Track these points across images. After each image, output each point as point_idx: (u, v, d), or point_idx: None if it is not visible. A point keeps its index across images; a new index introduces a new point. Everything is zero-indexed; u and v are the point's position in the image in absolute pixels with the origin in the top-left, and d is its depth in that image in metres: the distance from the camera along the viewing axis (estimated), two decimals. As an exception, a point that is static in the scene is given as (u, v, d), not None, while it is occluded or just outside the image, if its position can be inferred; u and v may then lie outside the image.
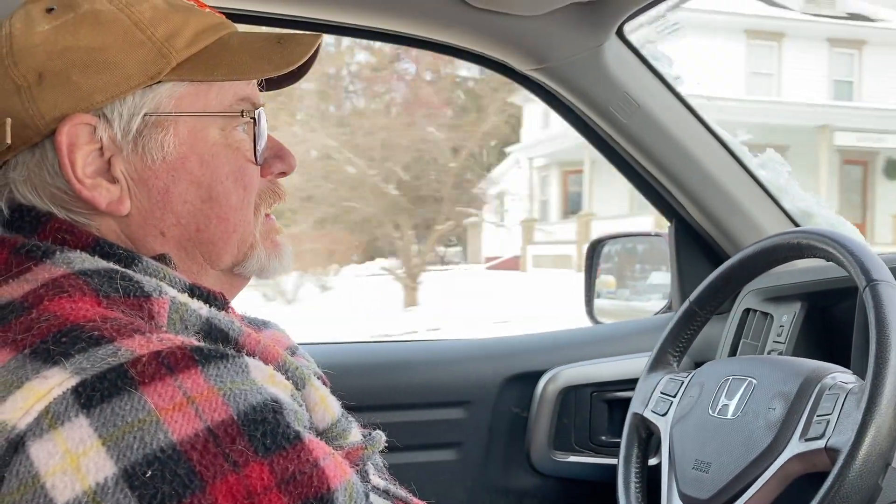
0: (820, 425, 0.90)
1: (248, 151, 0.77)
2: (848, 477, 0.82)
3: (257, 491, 0.54)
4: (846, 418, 0.88)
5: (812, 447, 0.90)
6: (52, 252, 0.66)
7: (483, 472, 1.56)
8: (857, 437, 0.83)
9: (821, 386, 0.95)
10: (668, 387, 1.16)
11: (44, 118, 0.68)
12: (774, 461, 0.93)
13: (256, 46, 0.76)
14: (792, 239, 1.07)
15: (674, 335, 1.21)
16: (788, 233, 1.09)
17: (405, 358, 1.57)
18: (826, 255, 1.01)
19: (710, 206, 1.54)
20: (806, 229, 1.09)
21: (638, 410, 1.19)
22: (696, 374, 1.14)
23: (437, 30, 1.38)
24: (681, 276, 1.66)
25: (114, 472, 0.52)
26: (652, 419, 1.15)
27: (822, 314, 1.37)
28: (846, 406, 0.89)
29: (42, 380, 0.55)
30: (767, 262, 1.14)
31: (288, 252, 0.83)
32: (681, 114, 1.49)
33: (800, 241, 1.06)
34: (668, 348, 1.21)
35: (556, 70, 1.43)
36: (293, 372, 0.70)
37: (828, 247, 1.00)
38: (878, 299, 0.90)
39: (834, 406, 0.90)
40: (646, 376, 1.21)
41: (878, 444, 0.83)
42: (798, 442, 0.92)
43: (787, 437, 0.93)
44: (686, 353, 1.22)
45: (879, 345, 0.87)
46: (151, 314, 0.63)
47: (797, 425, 0.93)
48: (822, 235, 1.03)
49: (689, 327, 1.21)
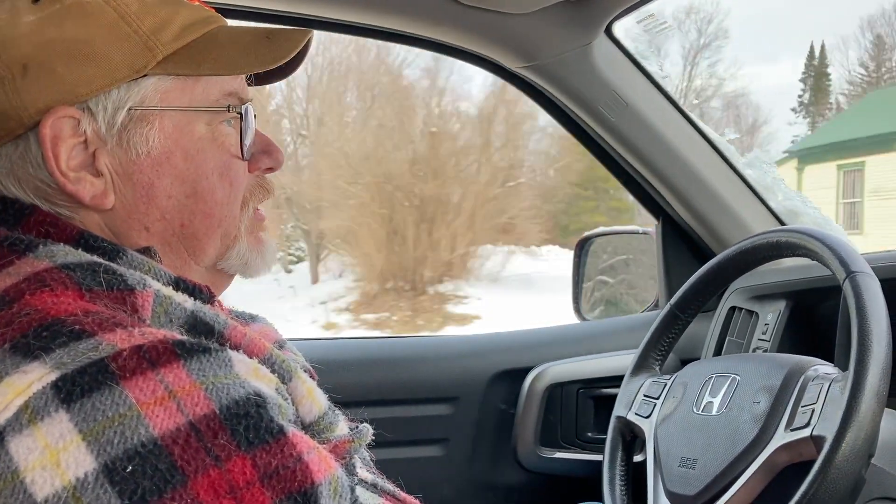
0: (805, 415, 0.91)
1: (234, 147, 0.76)
2: (834, 462, 0.82)
3: (240, 485, 0.54)
4: (831, 406, 0.88)
5: (798, 436, 0.90)
6: (36, 245, 0.65)
7: (470, 467, 1.57)
8: (842, 423, 0.83)
9: (804, 377, 0.96)
10: (651, 389, 1.16)
11: (27, 110, 0.68)
12: (761, 453, 0.93)
13: (244, 41, 0.76)
14: (771, 238, 1.08)
15: (655, 339, 1.22)
16: (767, 233, 1.10)
17: (393, 354, 1.57)
18: (805, 252, 1.02)
19: (697, 204, 1.55)
20: (784, 228, 1.10)
21: (621, 414, 1.19)
22: (678, 376, 1.14)
23: (426, 27, 1.38)
24: (667, 274, 1.67)
25: (94, 468, 0.52)
26: (636, 421, 1.15)
27: (807, 313, 1.38)
28: (830, 394, 0.90)
29: (22, 374, 0.55)
30: (748, 263, 1.14)
31: (271, 248, 0.83)
32: (669, 113, 1.50)
33: (778, 240, 1.06)
34: (650, 352, 1.22)
35: (545, 68, 1.44)
36: (280, 365, 0.70)
37: (806, 243, 1.01)
38: (858, 289, 0.91)
39: (818, 395, 0.91)
40: (629, 380, 1.21)
41: (863, 429, 0.83)
42: (784, 432, 0.92)
43: (772, 429, 0.94)
44: (668, 356, 1.23)
45: (861, 333, 0.87)
46: (135, 307, 0.63)
47: (782, 416, 0.94)
48: (799, 232, 1.03)
49: (671, 331, 1.21)
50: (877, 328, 0.87)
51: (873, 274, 0.93)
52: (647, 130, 1.48)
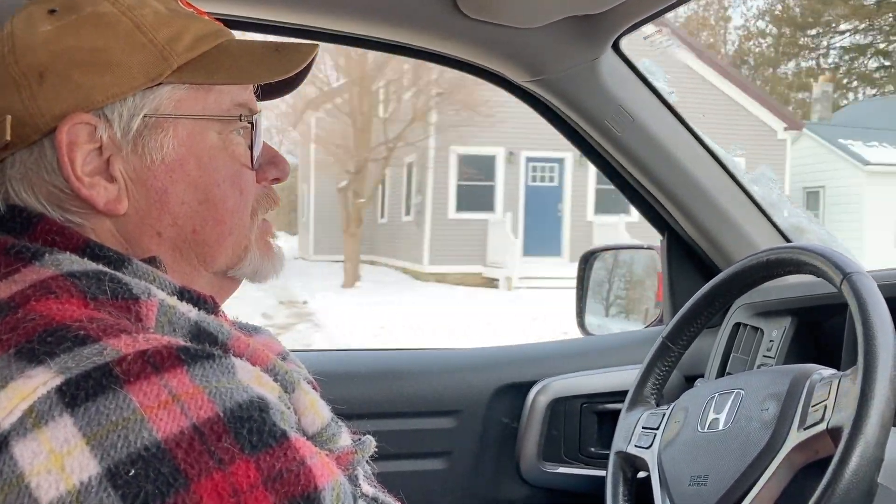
0: (817, 412, 0.89)
1: (243, 156, 0.77)
2: (856, 449, 0.80)
3: (243, 489, 0.54)
4: (844, 398, 0.86)
5: (813, 433, 0.88)
6: (42, 254, 0.66)
7: (472, 481, 1.56)
8: (859, 408, 0.81)
9: (810, 381, 0.94)
10: (650, 421, 1.14)
11: (44, 116, 0.69)
12: (776, 456, 0.91)
13: (255, 53, 0.77)
14: (761, 258, 1.07)
15: (649, 372, 1.20)
16: (756, 254, 1.09)
17: (396, 366, 1.57)
18: (798, 266, 1.01)
19: (702, 219, 1.55)
20: (773, 247, 1.08)
21: (621, 448, 1.17)
22: (678, 403, 1.13)
23: (433, 40, 1.38)
24: (672, 289, 1.67)
25: (97, 472, 0.52)
26: (636, 453, 1.13)
27: (813, 329, 1.38)
28: (842, 388, 0.88)
29: (26, 379, 0.55)
30: (739, 288, 1.13)
31: (281, 255, 0.84)
32: (674, 128, 1.50)
33: (769, 259, 1.05)
34: (644, 385, 1.20)
35: (551, 82, 1.44)
36: (282, 376, 0.70)
37: (796, 256, 1.00)
38: (856, 287, 0.90)
39: (829, 392, 0.89)
40: (625, 415, 1.19)
41: (881, 413, 0.81)
42: (797, 432, 0.90)
43: (784, 431, 0.92)
44: (664, 388, 1.21)
45: (866, 326, 0.86)
46: (139, 316, 0.63)
47: (794, 417, 0.92)
48: (789, 248, 1.03)
49: (665, 362, 1.20)
50: (880, 321, 0.86)
51: (869, 275, 0.92)
52: (653, 146, 1.48)
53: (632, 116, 1.46)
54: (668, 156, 1.49)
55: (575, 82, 1.43)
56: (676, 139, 1.49)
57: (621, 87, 1.44)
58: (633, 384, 1.21)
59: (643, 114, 1.46)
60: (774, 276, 1.08)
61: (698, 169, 1.51)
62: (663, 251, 1.69)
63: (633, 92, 1.46)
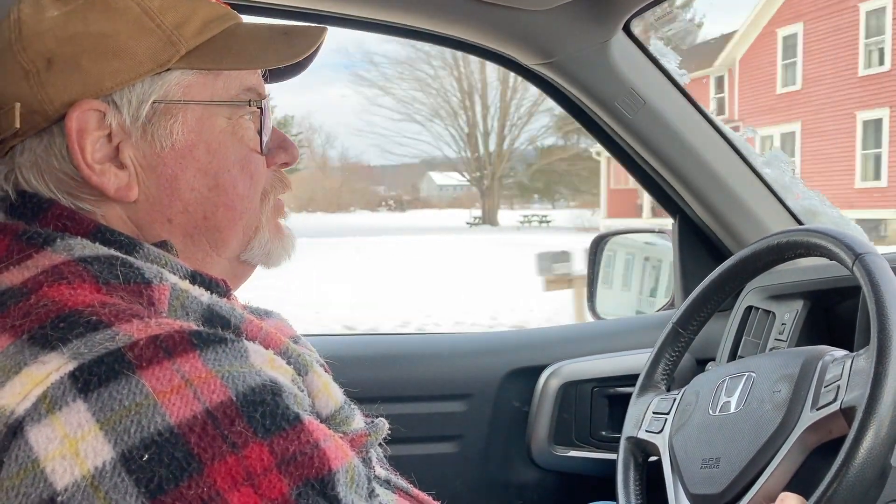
0: (830, 392, 0.88)
1: (252, 141, 0.77)
2: (870, 428, 0.79)
3: (257, 472, 0.54)
4: (857, 377, 0.85)
5: (826, 413, 0.87)
6: (53, 239, 0.66)
7: (483, 465, 1.56)
8: (873, 386, 0.81)
9: (823, 361, 0.94)
10: (661, 406, 1.14)
11: (52, 103, 0.68)
12: (788, 436, 0.90)
13: (263, 37, 0.76)
14: (772, 241, 1.06)
15: (659, 357, 1.20)
16: (768, 237, 1.08)
17: (407, 351, 1.57)
18: (808, 248, 1.00)
19: (714, 203, 1.53)
20: (784, 230, 1.08)
21: (631, 434, 1.16)
22: (689, 387, 1.12)
23: (444, 24, 1.38)
24: (683, 273, 1.66)
25: (111, 457, 0.52)
26: (647, 438, 1.13)
27: (825, 313, 1.37)
28: (855, 367, 0.87)
29: (40, 365, 0.55)
30: (751, 271, 1.12)
31: (292, 237, 0.84)
32: (686, 110, 1.48)
33: (780, 242, 1.05)
34: (654, 371, 1.20)
35: (562, 65, 1.43)
36: (295, 358, 0.70)
37: (808, 239, 1.00)
38: (868, 268, 0.89)
39: (842, 372, 0.88)
40: (635, 400, 1.19)
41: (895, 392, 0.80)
42: (811, 412, 0.89)
43: (797, 411, 0.91)
44: (674, 373, 1.21)
45: (879, 305, 0.86)
46: (152, 300, 0.63)
47: (806, 398, 0.91)
48: (800, 231, 1.02)
49: (675, 348, 1.19)
50: (893, 300, 0.85)
51: (881, 256, 0.91)
52: (664, 128, 1.47)
53: (643, 99, 1.44)
54: (679, 139, 1.48)
55: (585, 65, 1.42)
56: (688, 122, 1.48)
57: (632, 69, 1.43)
58: (643, 370, 1.21)
59: (654, 96, 1.45)
60: (786, 260, 1.08)
61: (710, 152, 1.50)
62: (675, 235, 1.68)
63: (644, 74, 1.45)
